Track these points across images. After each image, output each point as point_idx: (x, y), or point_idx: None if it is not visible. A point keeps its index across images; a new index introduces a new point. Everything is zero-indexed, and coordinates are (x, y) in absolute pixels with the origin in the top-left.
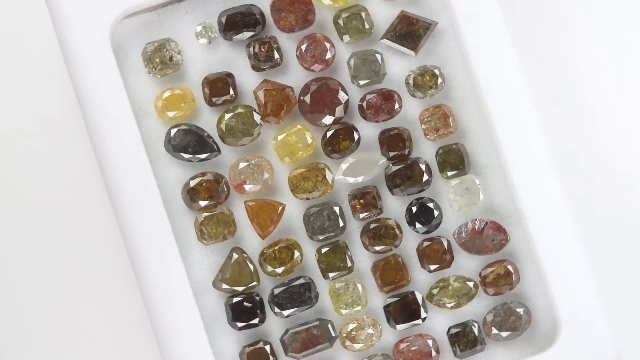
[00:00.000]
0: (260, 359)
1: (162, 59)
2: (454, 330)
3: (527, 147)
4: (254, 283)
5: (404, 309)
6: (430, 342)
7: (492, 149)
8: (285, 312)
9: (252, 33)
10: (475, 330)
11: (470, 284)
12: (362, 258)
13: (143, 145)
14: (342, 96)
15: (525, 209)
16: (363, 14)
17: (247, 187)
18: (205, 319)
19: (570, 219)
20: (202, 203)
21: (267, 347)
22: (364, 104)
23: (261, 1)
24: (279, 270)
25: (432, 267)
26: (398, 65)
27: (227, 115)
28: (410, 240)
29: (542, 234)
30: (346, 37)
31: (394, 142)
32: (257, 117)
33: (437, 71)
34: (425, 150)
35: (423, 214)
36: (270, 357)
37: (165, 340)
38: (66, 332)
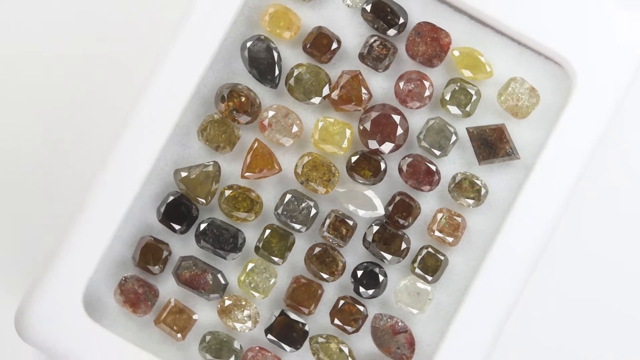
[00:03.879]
0: (153, 252)
1: None
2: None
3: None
4: (205, 200)
5: (286, 330)
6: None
7: None
8: (203, 245)
9: (387, 30)
10: None
11: (346, 350)
12: (295, 263)
13: None
14: (402, 124)
15: None
16: (474, 98)
17: (268, 124)
18: None
19: None
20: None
21: (165, 252)
22: (404, 167)
23: (414, 15)
24: (227, 208)
25: (337, 322)
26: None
27: (291, 81)
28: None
29: None
30: (454, 109)
31: (401, 209)
32: (326, 89)
33: (467, 176)
34: (417, 235)
35: (368, 279)
36: (164, 253)
37: None
38: None
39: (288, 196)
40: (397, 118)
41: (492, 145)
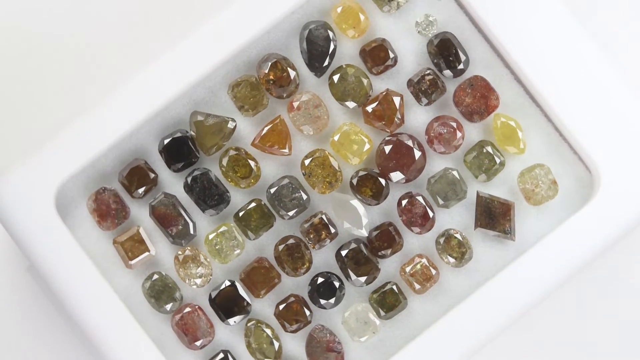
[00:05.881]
0: (141, 175)
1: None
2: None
3: None
4: (208, 152)
5: (229, 302)
6: None
7: None
8: (189, 191)
9: (444, 70)
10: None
11: (276, 345)
12: (265, 246)
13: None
14: (419, 162)
15: None
16: (496, 167)
17: (297, 107)
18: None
19: None
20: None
21: (152, 181)
22: (404, 201)
23: (476, 66)
24: (225, 166)
25: (279, 315)
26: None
27: (335, 77)
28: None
29: None
30: (482, 177)
31: (385, 239)
32: (364, 98)
33: (459, 237)
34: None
35: (325, 288)
36: (150, 182)
37: None
38: None
39: (286, 180)
40: (417, 154)
41: (494, 217)
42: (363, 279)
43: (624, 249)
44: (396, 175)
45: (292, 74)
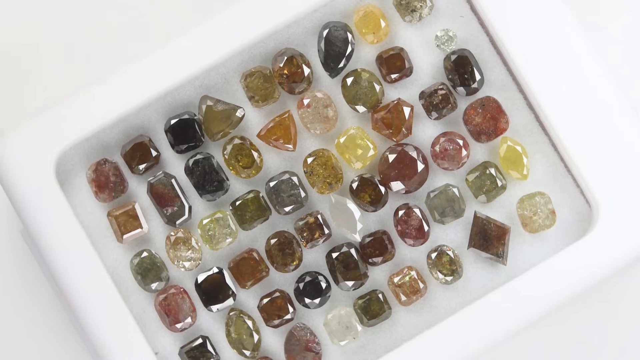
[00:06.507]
0: (143, 152)
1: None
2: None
3: None
4: (213, 137)
5: (215, 289)
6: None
7: None
8: (189, 174)
9: (457, 87)
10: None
11: (256, 338)
12: (258, 238)
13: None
14: (421, 175)
15: None
16: (497, 190)
17: (307, 104)
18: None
19: None
20: None
21: (153, 159)
22: (401, 213)
23: (490, 86)
24: (228, 154)
25: (262, 308)
26: None
27: (348, 80)
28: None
29: None
30: (482, 197)
31: (377, 247)
32: (378, 87)
33: (451, 254)
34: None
35: (311, 288)
36: (152, 159)
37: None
38: None
39: (286, 175)
40: (420, 166)
41: (489, 239)
42: (350, 283)
43: (609, 284)
44: (397, 185)
45: (307, 71)
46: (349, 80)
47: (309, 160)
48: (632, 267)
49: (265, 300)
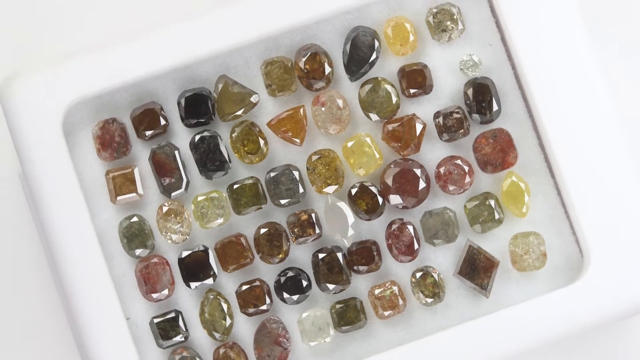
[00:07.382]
0: (152, 118)
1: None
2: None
3: None
4: (223, 117)
5: (197, 266)
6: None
7: None
8: (193, 149)
9: (473, 114)
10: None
11: (228, 322)
12: (248, 225)
13: None
14: (422, 193)
15: None
16: (493, 223)
17: (322, 102)
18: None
19: None
20: None
21: (162, 127)
22: (394, 227)
23: (506, 117)
24: (235, 137)
25: (240, 295)
26: None
27: (367, 87)
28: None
29: None
30: (477, 227)
31: (364, 256)
32: (395, 99)
33: (436, 277)
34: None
35: (292, 283)
36: (159, 128)
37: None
38: None
39: (288, 169)
40: (422, 185)
41: (476, 269)
42: (332, 286)
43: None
44: (395, 199)
45: (328, 70)
46: (368, 87)
47: (314, 157)
48: (615, 323)
49: (244, 287)
